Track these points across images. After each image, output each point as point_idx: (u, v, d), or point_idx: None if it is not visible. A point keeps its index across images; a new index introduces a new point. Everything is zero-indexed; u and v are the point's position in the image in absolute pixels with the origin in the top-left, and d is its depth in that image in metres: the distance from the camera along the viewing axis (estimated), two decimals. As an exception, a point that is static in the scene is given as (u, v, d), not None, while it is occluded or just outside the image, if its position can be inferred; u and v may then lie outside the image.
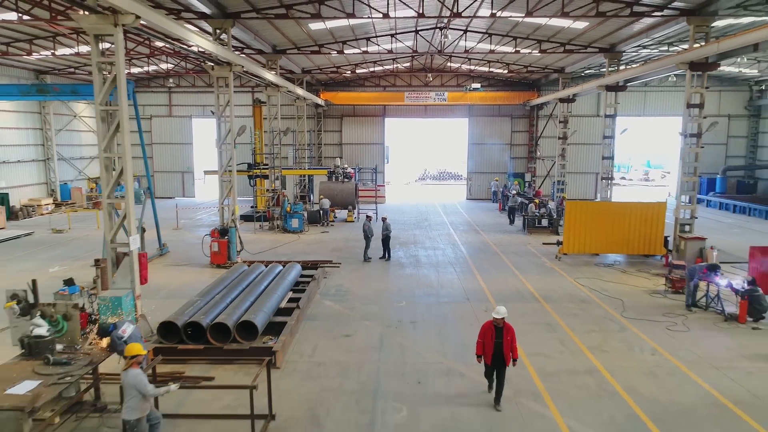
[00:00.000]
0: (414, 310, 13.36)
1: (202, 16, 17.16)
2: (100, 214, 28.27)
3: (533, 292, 14.92)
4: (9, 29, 21.33)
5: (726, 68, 32.68)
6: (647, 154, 60.78)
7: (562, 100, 30.21)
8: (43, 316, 8.43)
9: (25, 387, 7.25)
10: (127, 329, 8.10)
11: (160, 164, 38.40)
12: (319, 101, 34.55)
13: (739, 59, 28.39)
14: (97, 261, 13.51)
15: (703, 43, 16.79)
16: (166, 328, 10.15)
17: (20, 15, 17.12)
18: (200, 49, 16.07)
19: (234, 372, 9.62)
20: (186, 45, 16.68)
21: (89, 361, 8.17)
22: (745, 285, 12.56)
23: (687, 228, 17.90)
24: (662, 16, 17.21)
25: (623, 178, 55.20)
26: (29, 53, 23.95)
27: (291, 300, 12.88)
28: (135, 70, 32.18)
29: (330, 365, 10.00)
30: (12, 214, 27.57)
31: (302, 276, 15.24)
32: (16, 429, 7.01)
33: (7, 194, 27.50)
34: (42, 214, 29.38)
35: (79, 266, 17.59)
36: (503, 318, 8.23)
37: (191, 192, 38.90)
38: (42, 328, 8.14)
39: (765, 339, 11.40)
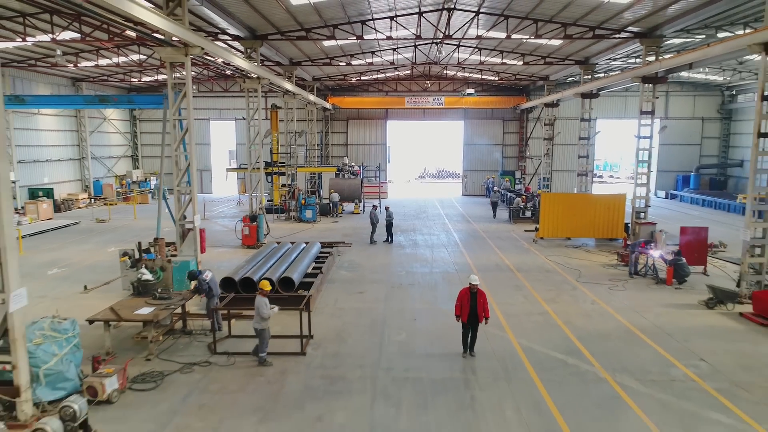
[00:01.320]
0: (411, 277, 16.76)
1: (236, 38, 20.57)
2: (136, 207, 31.78)
3: (509, 265, 18.31)
4: (65, 45, 24.35)
5: (698, 75, 36.08)
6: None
7: (547, 105, 33.59)
8: (146, 268, 11.84)
9: (145, 311, 10.68)
10: (208, 275, 11.50)
11: (181, 163, 41.73)
12: (327, 105, 37.95)
13: (704, 69, 31.86)
14: (155, 239, 16.92)
15: (653, 59, 20.17)
16: (226, 283, 13.52)
17: (83, 35, 20.06)
18: (238, 67, 19.44)
19: (278, 314, 12.98)
20: (228, 64, 20.06)
21: (181, 298, 11.60)
22: (673, 256, 15.95)
23: (642, 215, 21.25)
24: (620, 37, 20.59)
25: (611, 176, 58.55)
26: (75, 64, 27.20)
27: (314, 269, 16.26)
28: (160, 77, 35.57)
29: (348, 310, 13.40)
30: (55, 208, 30.98)
31: (321, 253, 18.61)
32: (143, 335, 10.47)
33: (51, 189, 30.96)
34: (79, 207, 32.83)
35: (130, 246, 20.94)
36: (476, 285, 10.25)
37: (209, 188, 42.34)
38: (148, 275, 11.56)
39: (682, 295, 14.79)
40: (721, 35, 20.70)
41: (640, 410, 8.43)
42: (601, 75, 32.19)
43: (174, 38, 13.42)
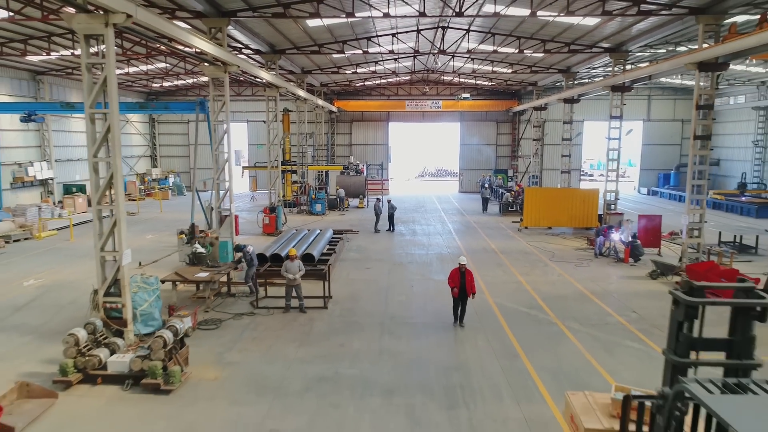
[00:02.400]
0: (410, 257, 19.80)
1: (257, 51, 23.61)
2: (162, 202, 34.78)
3: (494, 249, 21.35)
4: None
5: (675, 81, 39.08)
6: (631, 153, 66.84)
7: (536, 108, 36.61)
8: (199, 243, 14.89)
9: (202, 274, 13.74)
10: (250, 248, 14.55)
11: (197, 161, 44.83)
12: (334, 108, 41.01)
13: (679, 75, 34.83)
14: (192, 225, 19.97)
15: (620, 71, 23.18)
16: (259, 258, 16.54)
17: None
18: (263, 79, 22.40)
19: (303, 282, 16.01)
20: (256, 77, 22.99)
21: (227, 267, 14.66)
22: (630, 239, 18.98)
23: (612, 206, 24.27)
24: (591, 52, 23.63)
25: (602, 174, 61.37)
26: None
27: (328, 250, 19.29)
28: (179, 82, 38.64)
29: (358, 280, 16.45)
30: (87, 202, 34.03)
31: (333, 238, 21.65)
32: (199, 296, 13.53)
33: (84, 185, 34.05)
34: (106, 203, 35.82)
35: (164, 234, 24.03)
36: (465, 264, 12.31)
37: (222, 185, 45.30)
38: (201, 249, 14.62)
39: (634, 270, 17.82)
40: (680, 49, 23.71)
41: (577, 341, 11.47)
42: (586, 81, 35.29)
43: (215, 59, 16.46)
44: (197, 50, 15.64)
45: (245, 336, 11.78)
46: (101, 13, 10.10)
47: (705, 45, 16.68)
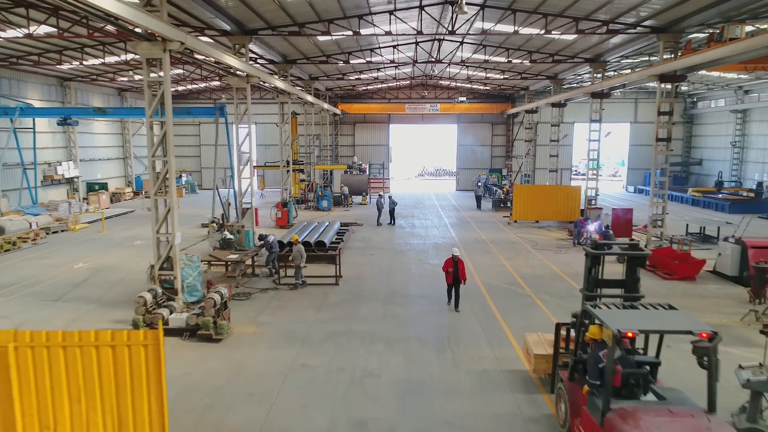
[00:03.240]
0: (409, 246, 22.26)
1: (271, 62, 26.06)
2: (179, 199, 37.18)
3: (485, 239, 23.81)
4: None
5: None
6: (624, 154, 69.28)
7: (527, 111, 39.06)
8: (228, 231, 17.37)
9: (233, 256, 16.21)
10: (271, 237, 17.01)
11: (208, 161, 47.38)
12: (337, 111, 43.48)
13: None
14: (222, 215, 22.46)
15: (600, 80, 25.64)
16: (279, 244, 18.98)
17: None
18: (279, 88, 24.84)
19: (314, 266, 18.48)
20: (275, 87, 25.43)
21: (252, 251, 17.14)
22: (603, 229, 21.44)
23: (592, 202, 26.73)
24: (573, 62, 26.07)
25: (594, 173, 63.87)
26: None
27: (336, 239, 21.74)
28: (192, 87, 41.08)
29: (364, 264, 18.92)
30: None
31: (340, 229, 24.11)
32: (229, 275, 16.02)
33: (106, 183, 36.54)
34: (126, 200, 38.36)
35: (186, 227, 26.46)
36: (458, 255, 13.91)
37: (230, 184, 47.83)
38: (230, 236, 17.09)
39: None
40: (653, 59, 26.16)
41: (546, 308, 13.95)
42: (575, 85, 37.72)
43: (239, 71, 18.93)
44: (225, 65, 18.07)
45: (272, 305, 14.25)
46: (160, 40, 12.56)
47: (666, 57, 19.18)
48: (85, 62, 26.63)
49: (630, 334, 6.33)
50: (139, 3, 11.83)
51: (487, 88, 42.99)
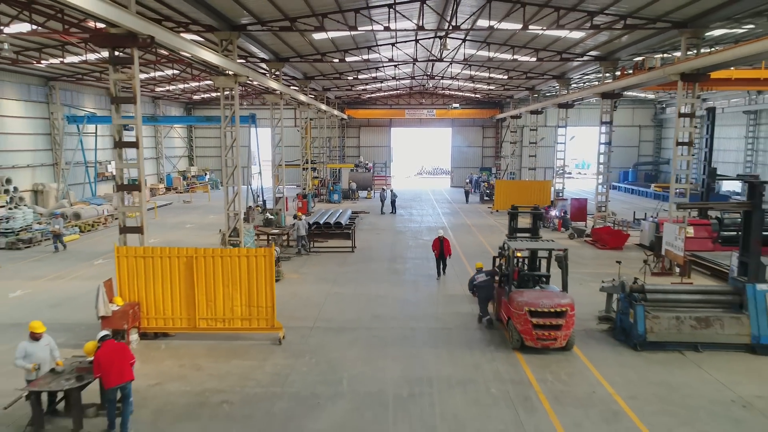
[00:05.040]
0: (408, 228, 27.72)
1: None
2: (202, 194, 42.68)
3: (469, 224, 29.27)
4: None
5: (632, 92, 46.89)
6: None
7: (513, 117, 44.48)
8: (269, 212, 22.85)
9: (275, 231, 21.69)
10: (302, 218, 22.47)
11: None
12: (344, 116, 48.96)
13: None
14: (249, 207, 27.90)
15: (566, 93, 31.04)
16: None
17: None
18: (300, 100, 30.16)
19: (335, 240, 23.88)
20: (296, 99, 30.73)
21: (288, 228, 22.62)
22: (561, 214, 26.92)
23: (560, 194, 32.18)
24: (543, 78, 31.42)
25: (579, 173, 69.45)
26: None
27: (349, 222, 27.18)
28: (215, 94, 46.44)
29: (372, 240, 24.39)
30: (146, 193, 41.98)
31: (351, 216, 29.54)
32: (282, 243, 21.55)
33: (146, 179, 41.96)
34: (160, 194, 43.82)
35: (222, 217, 31.85)
36: (442, 235, 18.53)
37: (247, 182, 53.33)
38: (271, 216, 22.57)
39: (562, 235, 25.68)
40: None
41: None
42: (549, 94, 43.11)
43: (227, 71, 24.24)
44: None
45: (307, 263, 19.74)
46: (231, 74, 18.00)
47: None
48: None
49: (518, 254, 11.80)
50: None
51: (477, 96, 48.43)
